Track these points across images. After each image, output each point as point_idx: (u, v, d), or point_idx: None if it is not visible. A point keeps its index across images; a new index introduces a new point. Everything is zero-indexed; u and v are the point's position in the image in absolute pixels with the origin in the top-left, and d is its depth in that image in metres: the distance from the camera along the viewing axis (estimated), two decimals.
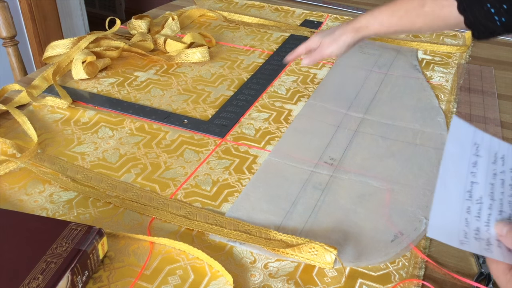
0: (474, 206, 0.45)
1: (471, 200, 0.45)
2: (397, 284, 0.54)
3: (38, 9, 1.93)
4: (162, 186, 0.67)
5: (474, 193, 0.45)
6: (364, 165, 0.72)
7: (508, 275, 0.42)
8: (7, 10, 1.09)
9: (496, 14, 0.59)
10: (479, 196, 0.45)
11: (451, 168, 0.46)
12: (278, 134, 0.79)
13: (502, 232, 0.43)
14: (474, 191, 0.45)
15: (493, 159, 0.47)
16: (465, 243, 0.43)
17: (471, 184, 0.46)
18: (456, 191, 0.45)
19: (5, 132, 0.77)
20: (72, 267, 0.50)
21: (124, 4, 3.07)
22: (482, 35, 0.65)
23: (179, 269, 0.55)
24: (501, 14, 0.59)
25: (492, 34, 0.64)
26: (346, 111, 0.85)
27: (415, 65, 1.01)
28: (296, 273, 0.55)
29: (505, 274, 0.42)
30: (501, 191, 0.46)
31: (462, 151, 0.47)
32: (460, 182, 0.46)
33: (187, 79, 0.94)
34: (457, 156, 0.47)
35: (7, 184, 0.66)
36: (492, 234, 0.44)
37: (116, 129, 0.78)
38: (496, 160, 0.47)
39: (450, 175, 0.46)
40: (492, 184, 0.46)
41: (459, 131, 0.48)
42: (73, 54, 0.94)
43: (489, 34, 0.64)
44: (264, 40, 1.11)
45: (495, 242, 0.43)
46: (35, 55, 1.99)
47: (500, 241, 0.43)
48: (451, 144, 0.47)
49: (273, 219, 0.62)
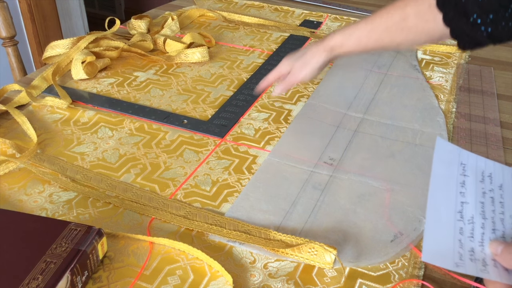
0: (467, 227, 0.44)
1: (463, 220, 0.45)
2: (396, 284, 0.54)
3: (37, 9, 1.93)
4: (161, 186, 0.67)
5: (465, 213, 0.45)
6: (364, 165, 0.72)
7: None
8: (6, 10, 1.09)
9: (482, 24, 0.57)
10: (471, 216, 0.45)
11: (440, 189, 0.46)
12: (277, 134, 0.79)
13: (497, 251, 0.42)
14: (465, 211, 0.45)
15: (480, 178, 0.47)
16: (461, 265, 0.42)
17: (461, 204, 0.45)
18: (447, 212, 0.45)
19: (4, 132, 0.77)
20: (72, 267, 0.50)
21: (123, 4, 3.07)
22: (468, 45, 0.62)
23: (178, 269, 0.55)
24: (487, 25, 0.57)
25: (478, 44, 0.61)
26: (346, 111, 0.85)
27: (414, 65, 1.01)
28: (295, 273, 0.55)
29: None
30: (491, 209, 0.45)
31: (449, 171, 0.47)
32: (450, 203, 0.45)
33: (186, 79, 0.94)
34: (445, 177, 0.47)
35: (7, 184, 0.66)
36: (487, 253, 0.43)
37: (115, 129, 0.78)
38: (483, 179, 0.47)
39: (439, 197, 0.46)
40: (482, 203, 0.46)
41: (444, 152, 0.48)
42: (72, 54, 0.94)
43: (475, 45, 0.61)
44: (264, 40, 1.11)
45: (491, 262, 0.43)
46: (35, 55, 1.99)
47: (496, 261, 0.43)
48: (438, 166, 0.47)
49: (272, 219, 0.62)
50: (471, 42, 0.61)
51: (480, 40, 0.60)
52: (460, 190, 0.46)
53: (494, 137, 0.80)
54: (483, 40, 0.59)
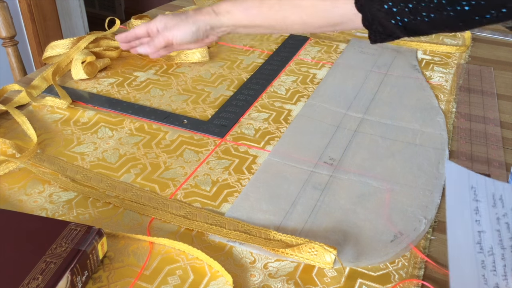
0: (488, 259, 0.44)
1: (483, 252, 0.44)
2: (396, 284, 0.54)
3: (37, 9, 1.93)
4: (161, 186, 0.67)
5: (484, 244, 0.45)
6: (364, 165, 0.72)
7: None
8: (6, 10, 1.09)
9: (398, 14, 0.52)
10: (490, 247, 0.45)
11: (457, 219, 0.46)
12: (277, 134, 0.79)
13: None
14: (483, 242, 0.45)
15: (492, 202, 0.47)
16: None
17: (479, 234, 0.45)
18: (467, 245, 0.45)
19: (4, 132, 0.77)
20: (72, 267, 0.50)
21: (123, 4, 3.07)
22: (379, 37, 0.57)
23: (178, 269, 0.55)
24: (403, 15, 0.51)
25: (390, 36, 0.56)
26: (346, 111, 0.85)
27: (414, 65, 1.01)
28: (295, 273, 0.55)
29: None
30: (509, 237, 0.45)
31: (462, 197, 0.47)
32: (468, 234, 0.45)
33: (186, 79, 0.94)
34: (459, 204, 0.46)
35: (7, 184, 0.66)
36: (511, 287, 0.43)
37: (115, 129, 0.78)
38: (495, 203, 0.47)
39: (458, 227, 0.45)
40: (498, 231, 0.45)
41: (454, 176, 0.48)
42: (72, 54, 0.94)
43: (387, 37, 0.56)
44: (264, 40, 1.11)
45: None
46: (35, 55, 1.99)
47: None
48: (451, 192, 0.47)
49: (272, 219, 0.62)
50: (383, 33, 0.56)
51: (393, 30, 0.55)
52: (475, 218, 0.46)
53: (494, 137, 0.80)
54: (397, 31, 0.55)
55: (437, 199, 0.66)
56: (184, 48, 0.71)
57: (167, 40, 0.67)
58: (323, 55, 1.04)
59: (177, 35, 0.66)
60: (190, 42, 0.68)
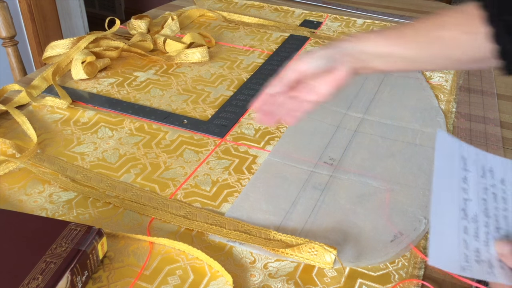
0: (471, 225, 0.44)
1: (467, 219, 0.44)
2: (396, 284, 0.54)
3: (37, 9, 1.93)
4: (161, 186, 0.67)
5: (468, 211, 0.44)
6: (364, 165, 0.72)
7: None
8: (6, 10, 1.09)
9: None
10: (474, 214, 0.44)
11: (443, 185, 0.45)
12: (277, 134, 0.79)
13: (503, 251, 0.41)
14: (468, 209, 0.44)
15: (481, 173, 0.46)
16: (467, 268, 0.42)
17: (464, 202, 0.45)
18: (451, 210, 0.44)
19: (4, 132, 0.77)
20: (72, 267, 0.50)
21: (123, 4, 3.07)
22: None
23: (178, 269, 0.55)
24: None
25: None
26: (346, 111, 0.85)
27: None
28: (295, 273, 0.55)
29: None
30: (494, 206, 0.45)
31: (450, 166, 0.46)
32: (453, 200, 0.45)
33: (186, 79, 0.94)
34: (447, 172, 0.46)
35: (7, 184, 0.66)
36: (492, 254, 0.42)
37: (115, 129, 0.78)
38: (484, 174, 0.46)
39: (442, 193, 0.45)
40: (484, 200, 0.45)
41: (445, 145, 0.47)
42: (72, 54, 0.94)
43: None
44: (264, 40, 1.11)
45: (497, 263, 0.42)
46: (35, 55, 1.99)
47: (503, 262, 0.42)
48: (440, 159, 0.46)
49: (272, 219, 0.62)
50: None
51: None
52: (463, 186, 0.45)
53: (494, 137, 0.80)
54: None
55: None
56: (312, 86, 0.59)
57: (294, 71, 0.58)
58: None
59: (303, 64, 0.57)
60: (317, 72, 0.57)
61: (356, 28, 1.18)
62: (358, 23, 1.21)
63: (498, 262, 0.42)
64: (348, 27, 1.19)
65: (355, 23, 1.21)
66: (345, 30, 1.17)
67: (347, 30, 1.17)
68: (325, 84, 0.58)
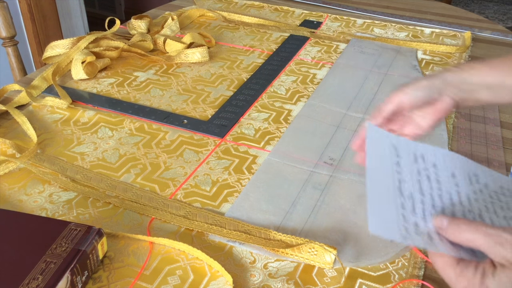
0: (407, 202, 0.44)
1: (403, 196, 0.44)
2: (396, 284, 0.54)
3: (37, 9, 1.93)
4: (161, 186, 0.67)
5: (403, 190, 0.45)
6: (364, 165, 0.72)
7: (458, 269, 0.40)
8: (6, 10, 1.09)
9: None
10: (409, 192, 0.45)
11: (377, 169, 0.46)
12: (277, 134, 0.79)
13: (443, 225, 0.42)
14: (403, 188, 0.45)
15: (413, 159, 0.47)
16: (408, 237, 0.42)
17: (399, 182, 0.45)
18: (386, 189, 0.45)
19: (4, 132, 0.77)
20: (72, 267, 0.50)
21: (123, 4, 3.07)
22: None
23: (178, 269, 0.55)
24: None
25: None
26: (346, 111, 0.85)
27: (414, 65, 1.01)
28: (295, 273, 0.55)
29: (454, 268, 0.40)
30: (429, 186, 0.45)
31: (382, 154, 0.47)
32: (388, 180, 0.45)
33: (186, 79, 0.94)
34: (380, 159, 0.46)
35: (7, 184, 0.66)
36: (430, 227, 0.43)
37: (115, 129, 0.78)
38: (416, 159, 0.47)
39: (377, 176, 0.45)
40: (418, 181, 0.46)
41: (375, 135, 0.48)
42: (72, 54, 0.94)
43: None
44: (264, 40, 1.11)
45: (436, 236, 0.42)
46: (35, 55, 1.99)
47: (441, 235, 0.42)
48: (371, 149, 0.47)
49: (272, 219, 0.62)
50: None
51: None
52: (396, 169, 0.46)
53: (494, 137, 0.80)
54: None
55: None
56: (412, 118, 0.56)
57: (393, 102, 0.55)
58: (323, 55, 1.04)
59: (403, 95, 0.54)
60: (418, 104, 0.55)
61: (356, 28, 1.18)
62: (358, 23, 1.21)
63: (437, 235, 0.42)
64: (348, 27, 1.19)
65: (355, 23, 1.21)
66: (345, 30, 1.17)
67: (347, 30, 1.17)
68: (426, 116, 0.55)
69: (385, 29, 1.18)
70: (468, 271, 0.40)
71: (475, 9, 3.52)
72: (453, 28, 1.20)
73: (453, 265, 0.40)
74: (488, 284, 0.38)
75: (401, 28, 1.19)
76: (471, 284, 0.39)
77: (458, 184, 0.46)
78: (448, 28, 1.20)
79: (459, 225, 0.41)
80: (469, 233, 0.40)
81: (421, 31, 1.18)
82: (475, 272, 0.39)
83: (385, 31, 1.17)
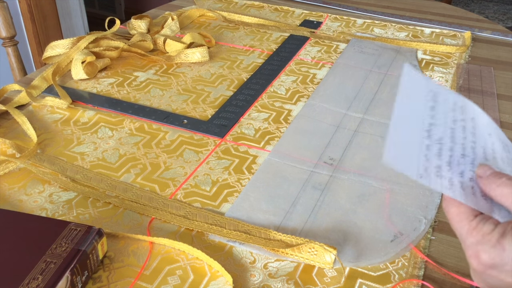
0: (434, 145, 0.40)
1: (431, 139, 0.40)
2: (396, 284, 0.54)
3: (37, 9, 1.93)
4: (161, 186, 0.67)
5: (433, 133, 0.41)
6: (364, 165, 0.72)
7: (474, 222, 0.37)
8: (6, 10, 1.09)
9: None
10: (439, 137, 0.41)
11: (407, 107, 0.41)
12: (277, 134, 0.79)
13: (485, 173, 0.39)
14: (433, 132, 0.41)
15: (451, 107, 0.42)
16: (425, 177, 0.39)
17: (429, 125, 0.41)
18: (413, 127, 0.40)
19: (4, 132, 0.77)
20: (72, 267, 0.50)
21: (123, 4, 3.07)
22: None
23: (178, 269, 0.55)
24: None
25: None
26: (346, 111, 0.85)
27: (414, 65, 1.01)
28: (295, 273, 0.55)
29: (469, 220, 0.38)
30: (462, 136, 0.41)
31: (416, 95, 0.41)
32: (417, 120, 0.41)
33: (186, 79, 0.94)
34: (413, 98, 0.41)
35: (7, 184, 0.66)
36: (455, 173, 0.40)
37: (115, 129, 0.78)
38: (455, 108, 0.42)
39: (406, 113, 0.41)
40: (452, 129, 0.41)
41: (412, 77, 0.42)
42: (72, 54, 0.94)
43: None
44: (264, 40, 1.11)
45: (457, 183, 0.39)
46: (35, 55, 1.99)
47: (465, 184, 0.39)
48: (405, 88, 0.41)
49: (272, 219, 0.62)
50: None
51: None
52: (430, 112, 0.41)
53: None
54: None
55: (437, 199, 0.66)
56: None
57: None
58: (323, 55, 1.04)
59: None
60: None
61: (356, 28, 1.18)
62: (358, 23, 1.21)
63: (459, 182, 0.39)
64: (348, 27, 1.19)
65: (355, 23, 1.21)
66: (345, 30, 1.17)
67: (347, 30, 1.17)
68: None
69: (385, 29, 1.18)
70: (485, 226, 0.37)
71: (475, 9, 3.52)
72: (453, 28, 1.20)
73: (469, 218, 0.38)
74: (505, 245, 0.36)
75: (401, 28, 1.19)
76: (485, 240, 0.37)
77: (493, 143, 0.42)
78: (448, 28, 1.20)
79: (501, 178, 0.38)
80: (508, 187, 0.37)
81: (421, 31, 1.18)
82: (494, 229, 0.37)
83: (385, 31, 1.17)
